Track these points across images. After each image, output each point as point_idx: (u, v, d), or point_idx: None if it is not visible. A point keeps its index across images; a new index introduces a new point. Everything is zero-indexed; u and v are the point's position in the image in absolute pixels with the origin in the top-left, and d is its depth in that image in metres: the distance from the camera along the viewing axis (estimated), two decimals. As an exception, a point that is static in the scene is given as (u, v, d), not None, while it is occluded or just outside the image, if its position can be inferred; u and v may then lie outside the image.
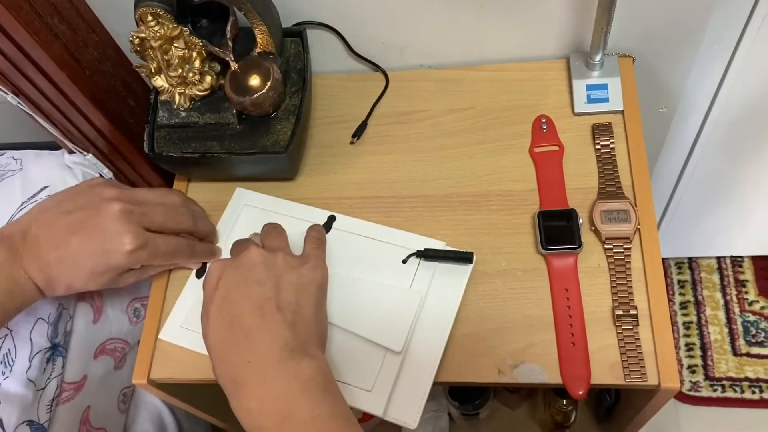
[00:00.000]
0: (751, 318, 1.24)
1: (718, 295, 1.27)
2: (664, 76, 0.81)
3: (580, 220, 0.67)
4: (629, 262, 0.66)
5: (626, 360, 0.61)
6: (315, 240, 0.65)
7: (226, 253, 0.69)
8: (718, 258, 1.30)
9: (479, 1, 0.72)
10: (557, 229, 0.67)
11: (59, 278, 0.60)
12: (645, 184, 0.69)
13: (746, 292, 1.27)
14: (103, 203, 0.60)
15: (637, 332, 0.62)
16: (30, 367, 0.68)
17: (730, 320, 1.25)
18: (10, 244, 0.59)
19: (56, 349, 0.72)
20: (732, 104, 0.85)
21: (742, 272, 1.28)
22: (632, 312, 0.63)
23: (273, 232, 0.64)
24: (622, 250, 0.66)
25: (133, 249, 0.59)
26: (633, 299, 0.64)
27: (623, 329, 0.63)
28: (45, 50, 0.61)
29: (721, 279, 1.28)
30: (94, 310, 0.79)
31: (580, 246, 0.66)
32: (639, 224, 0.67)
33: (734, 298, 1.27)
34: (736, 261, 1.29)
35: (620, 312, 0.63)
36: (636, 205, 0.68)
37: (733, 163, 0.99)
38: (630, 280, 0.65)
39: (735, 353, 1.22)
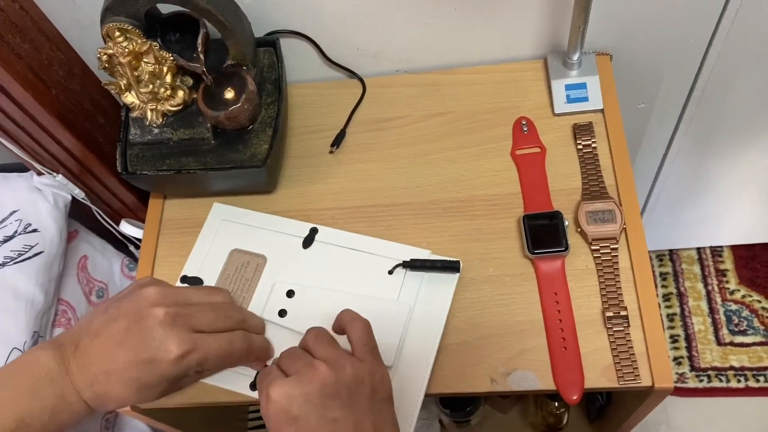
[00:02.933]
0: (733, 307, 1.25)
1: (700, 286, 1.28)
2: (641, 72, 0.80)
3: (566, 222, 0.66)
4: (617, 262, 0.65)
5: (619, 362, 0.61)
6: (365, 336, 0.56)
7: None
8: (698, 249, 1.31)
9: (453, 4, 0.71)
10: (543, 233, 0.66)
11: (109, 394, 0.54)
12: (629, 182, 0.69)
13: (727, 282, 1.28)
14: (147, 309, 0.54)
15: (629, 333, 0.62)
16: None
17: (712, 310, 1.26)
18: (62, 355, 0.53)
19: (33, 379, 0.70)
20: (707, 98, 0.85)
21: (722, 262, 1.29)
22: (622, 313, 0.62)
23: (323, 339, 0.55)
24: (609, 251, 0.66)
25: (181, 355, 0.53)
26: (623, 300, 0.63)
27: (614, 331, 0.62)
28: (7, 70, 0.59)
29: (702, 269, 1.29)
30: (71, 336, 0.76)
31: (566, 248, 0.65)
32: (625, 224, 0.66)
33: (716, 288, 1.27)
34: (716, 251, 1.30)
35: (611, 314, 0.63)
36: (621, 205, 0.67)
37: (710, 155, 1.00)
38: (619, 281, 0.64)
39: (719, 343, 1.23)
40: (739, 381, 1.20)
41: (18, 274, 0.70)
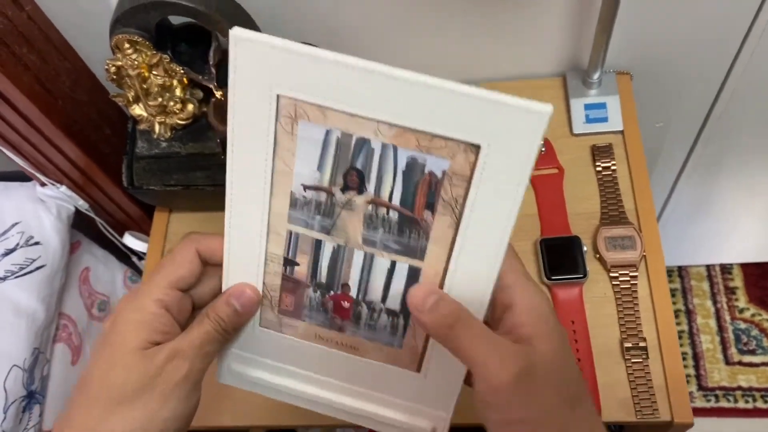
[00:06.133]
0: (742, 326, 1.24)
1: (709, 303, 1.26)
2: (661, 91, 0.78)
3: (584, 248, 0.64)
4: (636, 291, 0.63)
5: (637, 395, 0.59)
6: None
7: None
8: (708, 266, 1.29)
9: (469, 18, 0.69)
10: (561, 258, 0.64)
11: None
12: (648, 208, 0.67)
13: (736, 300, 1.26)
14: None
15: (647, 365, 0.60)
16: (5, 418, 0.64)
17: (721, 328, 1.24)
18: None
19: (33, 397, 0.68)
20: (726, 118, 0.83)
21: (732, 279, 1.28)
22: (641, 344, 0.61)
23: None
24: (629, 279, 0.64)
25: None
26: (641, 330, 0.61)
27: (633, 362, 0.60)
28: (14, 83, 0.57)
29: (711, 287, 1.27)
30: (72, 351, 0.75)
31: (585, 275, 0.63)
32: (644, 251, 0.64)
33: (725, 306, 1.26)
34: (726, 268, 1.28)
35: (629, 344, 0.61)
36: (641, 231, 0.65)
37: (723, 173, 0.98)
38: (638, 310, 0.63)
39: (727, 362, 1.21)
40: (747, 401, 1.18)
41: (19, 289, 0.68)
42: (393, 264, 0.38)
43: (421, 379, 0.42)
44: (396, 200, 0.36)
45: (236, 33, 0.32)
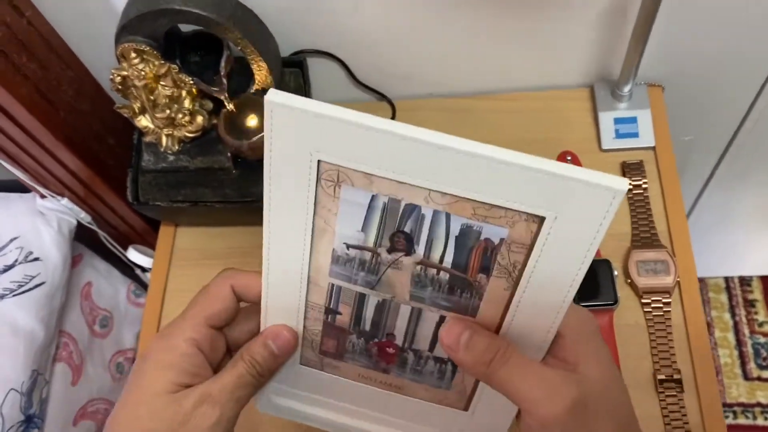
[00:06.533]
0: (762, 340, 1.20)
1: (727, 316, 1.23)
2: (691, 104, 0.75)
3: (615, 273, 0.61)
4: (669, 318, 0.60)
5: (672, 432, 0.56)
6: None
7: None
8: (726, 278, 1.25)
9: (495, 25, 0.66)
10: (590, 283, 0.61)
11: None
12: (682, 229, 0.63)
13: (756, 313, 1.22)
14: None
15: (682, 400, 0.57)
16: (2, 446, 0.61)
17: (740, 342, 1.21)
18: None
19: (31, 421, 0.65)
20: (757, 132, 0.80)
21: (751, 292, 1.24)
22: (675, 377, 0.57)
23: None
24: (661, 305, 0.60)
25: None
26: (675, 362, 0.58)
27: (666, 397, 0.57)
28: (12, 94, 0.53)
29: (730, 299, 1.24)
30: (72, 371, 0.71)
31: (616, 302, 0.60)
32: (678, 276, 0.61)
33: (743, 319, 1.22)
34: (745, 281, 1.25)
35: (663, 377, 0.57)
36: (674, 255, 0.62)
37: (747, 186, 0.95)
38: (671, 340, 0.59)
39: (746, 377, 1.18)
40: (766, 419, 1.15)
41: (17, 308, 0.64)
42: (442, 318, 0.35)
43: (468, 417, 0.40)
44: (448, 262, 0.33)
45: (272, 99, 0.29)
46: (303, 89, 0.66)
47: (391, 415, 0.41)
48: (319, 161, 0.31)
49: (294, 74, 0.67)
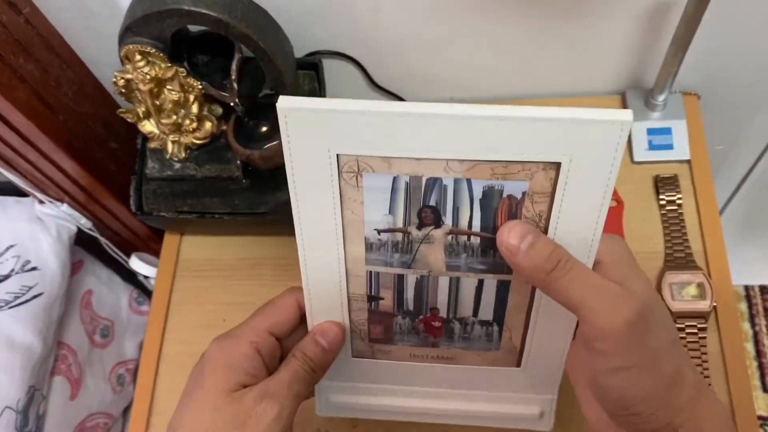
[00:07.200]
0: (782, 351, 1.17)
1: (747, 326, 1.19)
2: (726, 114, 0.71)
3: (648, 296, 0.57)
4: (705, 345, 0.56)
5: (708, 469, 0.52)
6: None
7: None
8: (746, 286, 1.22)
9: (523, 29, 0.62)
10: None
11: None
12: (719, 250, 0.60)
13: (776, 323, 1.19)
14: None
15: None
16: (-4, 467, 0.57)
17: (759, 353, 1.17)
18: None
19: (27, 440, 0.61)
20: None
21: (771, 301, 1.20)
22: (712, 409, 0.54)
23: None
24: (696, 331, 0.57)
25: None
26: (712, 393, 0.54)
27: (702, 430, 0.53)
28: (7, 98, 0.50)
29: (750, 308, 1.20)
30: (71, 384, 0.68)
31: (648, 328, 0.56)
32: (715, 301, 0.57)
33: (764, 329, 1.19)
34: (765, 289, 1.21)
35: (698, 409, 0.54)
36: (711, 277, 0.58)
37: (772, 194, 0.91)
38: (707, 368, 0.56)
39: (765, 389, 1.15)
40: (785, 433, 1.12)
41: (14, 321, 0.61)
42: (481, 282, 0.37)
43: (522, 372, 0.42)
44: (476, 227, 0.35)
45: (284, 105, 0.30)
46: (318, 92, 0.62)
47: (448, 387, 0.43)
48: (338, 155, 0.32)
49: (308, 77, 0.63)
